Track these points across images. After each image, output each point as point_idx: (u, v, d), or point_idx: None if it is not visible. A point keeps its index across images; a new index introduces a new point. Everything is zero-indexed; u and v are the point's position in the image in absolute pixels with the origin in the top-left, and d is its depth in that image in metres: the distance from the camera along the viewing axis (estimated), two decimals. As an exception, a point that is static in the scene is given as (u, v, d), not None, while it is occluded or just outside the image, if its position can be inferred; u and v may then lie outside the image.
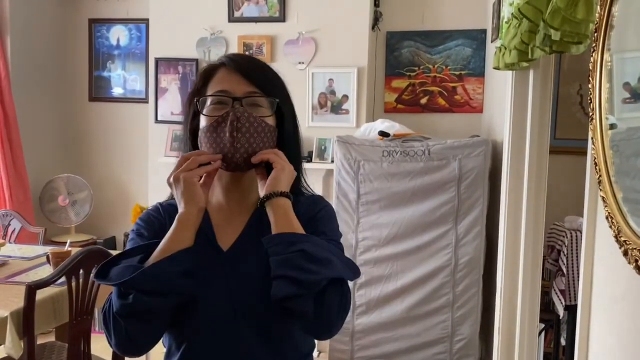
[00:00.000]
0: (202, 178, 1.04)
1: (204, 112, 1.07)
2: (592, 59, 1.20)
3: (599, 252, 1.35)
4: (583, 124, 3.47)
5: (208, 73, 1.11)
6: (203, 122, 1.07)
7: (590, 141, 1.24)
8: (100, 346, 2.87)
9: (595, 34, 1.18)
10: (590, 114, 1.22)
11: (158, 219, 1.12)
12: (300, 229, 1.01)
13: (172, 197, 1.07)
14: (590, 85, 1.21)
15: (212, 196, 1.14)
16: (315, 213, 1.11)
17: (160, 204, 1.16)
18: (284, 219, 1.01)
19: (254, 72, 1.08)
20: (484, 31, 3.67)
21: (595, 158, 1.19)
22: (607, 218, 1.16)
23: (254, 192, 1.10)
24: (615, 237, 1.11)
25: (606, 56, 1.16)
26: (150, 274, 0.97)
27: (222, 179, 1.12)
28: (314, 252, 0.97)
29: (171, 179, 1.03)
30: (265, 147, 1.06)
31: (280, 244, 0.98)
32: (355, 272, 1.03)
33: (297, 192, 1.14)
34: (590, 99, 1.21)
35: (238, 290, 1.04)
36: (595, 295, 1.36)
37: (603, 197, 1.16)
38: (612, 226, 1.12)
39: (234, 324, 1.04)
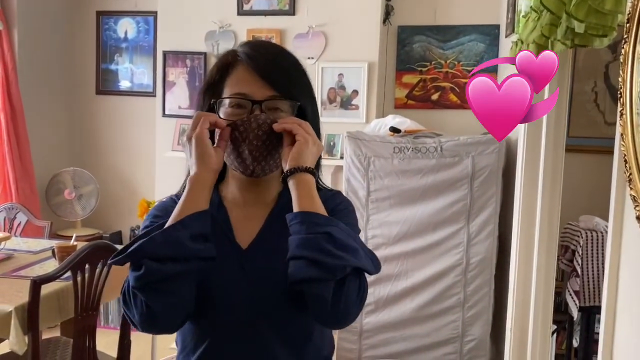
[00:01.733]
0: (217, 142, 1.02)
1: (222, 114, 1.05)
2: (623, 51, 1.14)
3: (626, 254, 1.29)
4: (598, 122, 3.42)
5: (225, 67, 1.07)
6: None
7: (619, 137, 1.18)
8: (106, 342, 2.85)
9: (627, 25, 1.12)
10: (620, 109, 1.16)
11: (174, 207, 1.07)
12: (323, 210, 0.97)
13: (184, 187, 1.03)
14: (620, 79, 1.15)
15: (227, 192, 1.11)
16: (335, 205, 1.07)
17: (176, 195, 1.12)
18: (307, 197, 0.97)
19: (274, 73, 1.04)
20: (497, 26, 3.60)
21: (625, 155, 1.13)
22: (637, 218, 1.10)
23: (271, 188, 1.08)
24: (647, 238, 1.06)
25: (639, 48, 1.10)
26: (159, 239, 0.94)
27: (236, 176, 1.08)
28: (340, 237, 0.93)
29: (184, 139, 1.02)
30: (285, 154, 1.01)
31: (304, 222, 0.94)
32: (377, 267, 1.00)
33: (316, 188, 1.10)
34: (621, 93, 1.15)
35: (258, 289, 1.01)
36: (620, 299, 1.31)
37: (634, 197, 1.10)
38: (644, 227, 1.07)
39: (253, 323, 1.01)
